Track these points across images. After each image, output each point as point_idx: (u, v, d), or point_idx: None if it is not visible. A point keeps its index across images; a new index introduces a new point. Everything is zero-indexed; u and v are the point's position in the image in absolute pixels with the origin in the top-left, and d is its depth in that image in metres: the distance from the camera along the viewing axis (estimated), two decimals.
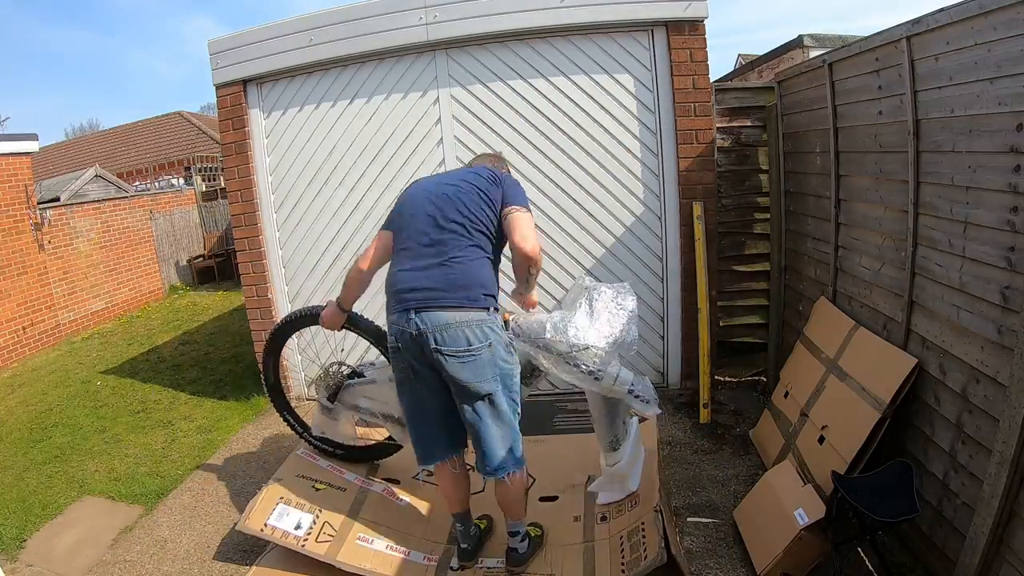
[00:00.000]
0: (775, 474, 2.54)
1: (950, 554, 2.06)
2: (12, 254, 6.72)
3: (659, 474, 2.52)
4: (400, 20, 3.66)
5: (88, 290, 7.87)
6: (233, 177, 4.11)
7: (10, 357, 6.47)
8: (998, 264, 1.85)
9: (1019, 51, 1.72)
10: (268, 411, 4.29)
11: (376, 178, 3.98)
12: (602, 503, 2.52)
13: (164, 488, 3.34)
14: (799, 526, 2.16)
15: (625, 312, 2.23)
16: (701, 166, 3.67)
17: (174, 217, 10.01)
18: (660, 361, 3.98)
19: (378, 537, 2.47)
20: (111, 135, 17.82)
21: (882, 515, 2.00)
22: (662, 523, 2.16)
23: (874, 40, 2.50)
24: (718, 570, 2.34)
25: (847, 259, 2.91)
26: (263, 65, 3.90)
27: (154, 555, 2.76)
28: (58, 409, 4.78)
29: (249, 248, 4.17)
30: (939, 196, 2.15)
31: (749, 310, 4.07)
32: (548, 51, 3.72)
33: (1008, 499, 1.77)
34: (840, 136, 2.90)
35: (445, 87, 3.82)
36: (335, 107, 3.96)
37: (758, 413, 3.46)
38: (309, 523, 2.43)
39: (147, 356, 6.10)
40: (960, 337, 2.05)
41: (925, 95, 2.19)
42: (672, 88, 3.62)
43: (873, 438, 2.29)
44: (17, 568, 2.78)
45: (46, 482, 3.55)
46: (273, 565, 2.39)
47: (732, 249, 3.97)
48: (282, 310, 4.26)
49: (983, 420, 1.92)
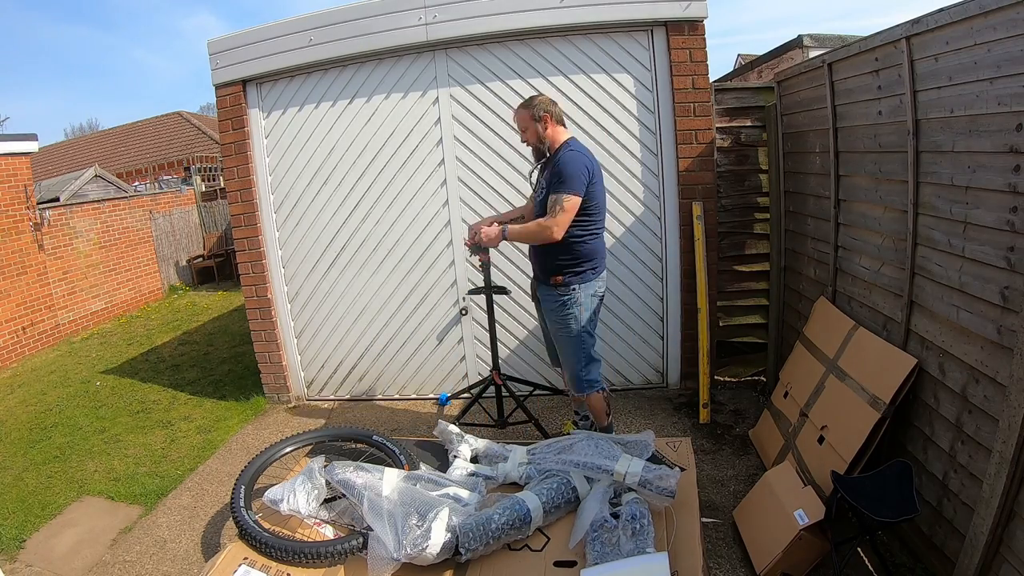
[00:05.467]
0: (775, 474, 2.53)
1: (950, 554, 2.06)
2: (11, 254, 6.72)
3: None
4: (399, 20, 3.66)
5: (88, 290, 7.87)
6: (233, 177, 4.11)
7: (9, 357, 6.46)
8: (998, 264, 1.85)
9: (1019, 51, 1.72)
10: (267, 411, 4.29)
11: (376, 178, 3.98)
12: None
13: (164, 488, 3.34)
14: (799, 526, 2.16)
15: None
16: (701, 166, 3.67)
17: (174, 217, 10.00)
18: (660, 361, 3.98)
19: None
20: (110, 135, 17.82)
21: (882, 515, 2.00)
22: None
23: (874, 40, 2.50)
24: (718, 570, 2.34)
25: (847, 259, 2.91)
26: (263, 65, 3.90)
27: (154, 555, 2.76)
28: (57, 409, 4.78)
29: (249, 248, 4.17)
30: (939, 196, 2.15)
31: (749, 310, 4.07)
32: (547, 51, 3.72)
33: (1008, 499, 1.77)
34: (840, 136, 2.90)
35: (445, 87, 3.82)
36: (335, 107, 3.96)
37: (758, 413, 3.47)
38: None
39: (147, 356, 6.10)
40: (960, 337, 2.05)
41: (925, 95, 2.19)
42: (672, 88, 3.62)
43: (873, 438, 2.29)
44: (17, 568, 2.78)
45: (45, 482, 3.55)
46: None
47: (732, 249, 3.97)
48: (282, 310, 4.26)
49: (983, 420, 1.92)
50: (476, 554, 2.10)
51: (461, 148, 3.88)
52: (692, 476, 2.39)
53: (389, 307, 4.14)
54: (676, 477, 2.17)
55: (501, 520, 2.12)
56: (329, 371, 4.34)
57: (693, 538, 2.08)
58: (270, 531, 2.27)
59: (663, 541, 2.07)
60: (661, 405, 3.79)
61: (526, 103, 2.81)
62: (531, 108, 2.76)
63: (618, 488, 2.25)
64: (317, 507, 2.36)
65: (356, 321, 4.20)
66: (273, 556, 2.16)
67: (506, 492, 2.39)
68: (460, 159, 3.88)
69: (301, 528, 2.34)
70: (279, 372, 4.33)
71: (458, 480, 2.44)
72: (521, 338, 4.04)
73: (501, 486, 2.47)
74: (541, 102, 2.77)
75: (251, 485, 2.55)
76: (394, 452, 2.64)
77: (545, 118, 2.74)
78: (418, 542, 2.06)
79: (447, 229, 3.97)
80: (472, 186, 3.90)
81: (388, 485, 2.28)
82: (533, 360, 4.06)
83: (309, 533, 2.31)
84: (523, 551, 2.15)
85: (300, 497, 2.32)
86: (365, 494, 2.22)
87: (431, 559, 2.07)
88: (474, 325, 4.06)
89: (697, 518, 2.19)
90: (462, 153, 3.88)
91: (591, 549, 2.03)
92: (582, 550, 2.07)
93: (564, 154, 2.67)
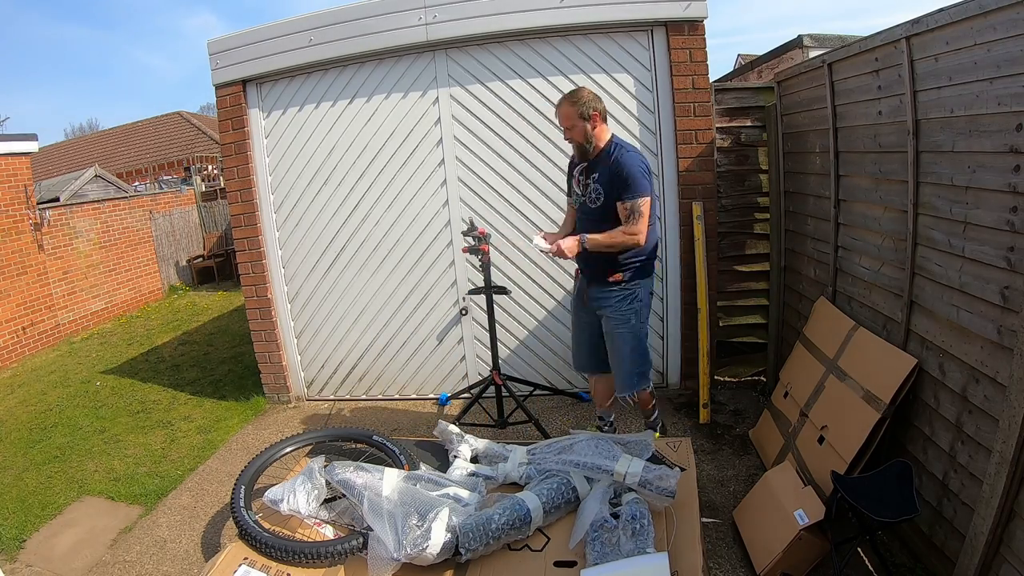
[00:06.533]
0: (775, 474, 2.53)
1: (950, 554, 2.06)
2: (12, 254, 6.72)
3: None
4: (399, 20, 3.66)
5: (88, 290, 7.87)
6: (233, 177, 4.11)
7: (9, 357, 6.46)
8: (998, 264, 1.85)
9: (1019, 51, 1.72)
10: (267, 411, 4.29)
11: (376, 178, 3.98)
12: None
13: (164, 488, 3.34)
14: (799, 526, 2.16)
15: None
16: (701, 166, 3.66)
17: (174, 217, 10.00)
18: (660, 361, 3.98)
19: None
20: (110, 135, 17.84)
21: (882, 515, 2.00)
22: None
23: (874, 40, 2.50)
24: (718, 570, 2.34)
25: (847, 259, 2.91)
26: (263, 65, 3.90)
27: (154, 555, 2.76)
28: (58, 409, 4.78)
29: (249, 248, 4.17)
30: (938, 196, 2.15)
31: (749, 310, 4.07)
32: (547, 51, 3.72)
33: (1008, 499, 1.77)
34: (840, 136, 2.90)
35: (445, 87, 3.82)
36: (335, 107, 3.96)
37: (758, 413, 3.47)
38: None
39: (147, 356, 6.10)
40: (960, 337, 2.05)
41: (925, 95, 2.19)
42: (672, 88, 3.62)
43: (873, 438, 2.29)
44: (16, 568, 2.78)
45: (45, 482, 3.55)
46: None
47: (732, 249, 3.97)
48: (282, 310, 4.26)
49: (983, 420, 1.92)
50: (476, 554, 2.10)
51: (461, 148, 3.88)
52: (692, 476, 2.39)
53: (389, 307, 4.14)
54: (676, 477, 2.17)
55: (501, 520, 2.13)
56: (329, 371, 4.34)
57: (693, 538, 2.08)
58: (270, 531, 2.28)
59: (663, 541, 2.07)
60: (661, 405, 3.77)
61: (572, 99, 2.63)
62: (578, 105, 2.59)
63: (618, 488, 2.25)
64: (317, 507, 2.36)
65: (356, 321, 4.20)
66: (273, 556, 2.17)
67: (506, 492, 2.39)
68: (460, 159, 3.88)
69: (301, 528, 2.34)
70: (279, 372, 4.33)
71: (458, 480, 2.44)
72: (521, 338, 4.04)
73: (501, 486, 2.47)
74: (588, 99, 2.61)
75: (251, 485, 2.55)
76: (394, 452, 2.64)
77: (594, 117, 2.61)
78: (418, 542, 2.06)
79: (447, 229, 3.97)
80: (472, 186, 3.90)
81: (388, 485, 2.28)
82: (533, 360, 4.06)
83: (309, 533, 2.31)
84: (523, 551, 2.15)
85: (300, 497, 2.32)
86: (365, 494, 2.23)
87: (431, 559, 2.07)
88: (474, 325, 4.06)
89: (697, 518, 2.19)
90: (462, 153, 3.88)
91: (591, 549, 2.03)
92: (582, 550, 2.07)
93: (622, 156, 2.59)
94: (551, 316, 3.99)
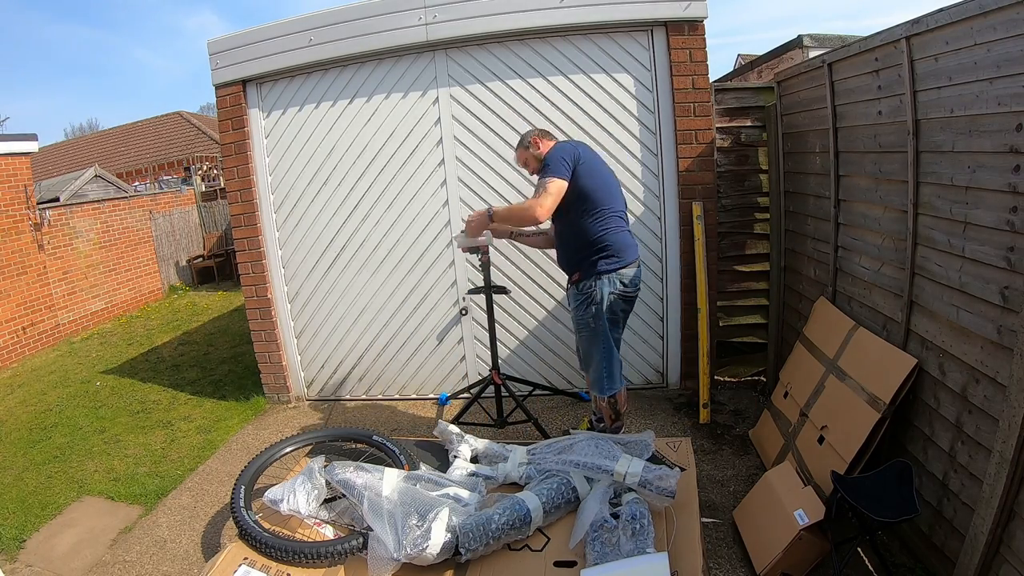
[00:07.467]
0: (775, 474, 2.53)
1: (950, 554, 2.06)
2: (12, 254, 6.72)
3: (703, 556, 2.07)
4: (399, 20, 3.66)
5: (88, 290, 7.87)
6: (233, 177, 4.11)
7: (9, 357, 6.46)
8: (998, 264, 1.85)
9: (1019, 51, 1.72)
10: (267, 411, 4.29)
11: (376, 178, 3.98)
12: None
13: (164, 488, 3.34)
14: (799, 526, 2.16)
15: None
16: (701, 166, 3.67)
17: (174, 217, 10.00)
18: (660, 361, 3.98)
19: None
20: (110, 135, 17.83)
21: (882, 515, 2.00)
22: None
23: (873, 40, 2.50)
24: (718, 570, 2.34)
25: (847, 259, 2.91)
26: (263, 65, 3.90)
27: (154, 555, 2.76)
28: (58, 409, 4.78)
29: (249, 248, 4.17)
30: (938, 196, 2.15)
31: (749, 310, 4.07)
32: (547, 51, 3.72)
33: (1008, 499, 1.77)
34: (840, 136, 2.90)
35: (445, 87, 3.82)
36: (335, 107, 3.96)
37: (758, 413, 3.47)
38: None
39: (147, 356, 6.10)
40: (960, 337, 2.05)
41: (924, 95, 2.19)
42: (672, 88, 3.62)
43: (873, 438, 2.29)
44: (16, 568, 2.78)
45: (45, 482, 3.55)
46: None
47: (732, 249, 3.97)
48: (282, 310, 4.26)
49: (983, 420, 1.92)
50: (476, 554, 2.10)
51: (461, 148, 3.88)
52: (692, 476, 2.39)
53: (389, 307, 4.14)
54: (676, 477, 2.17)
55: (501, 520, 2.12)
56: (329, 371, 4.34)
57: (693, 538, 2.08)
58: (270, 531, 2.27)
59: (663, 541, 2.07)
60: (661, 405, 3.79)
61: (517, 146, 3.06)
62: (520, 145, 3.00)
63: (618, 488, 2.25)
64: (317, 507, 2.36)
65: (356, 321, 4.20)
66: (273, 556, 2.17)
67: (506, 492, 2.39)
68: (460, 159, 3.88)
69: (301, 528, 2.34)
70: (279, 372, 4.33)
71: (458, 480, 2.44)
72: (521, 338, 4.04)
73: (501, 486, 2.47)
74: (526, 133, 3.02)
75: (251, 485, 2.55)
76: (394, 452, 2.64)
77: (534, 140, 2.93)
78: (418, 542, 2.06)
79: (447, 229, 3.97)
80: (472, 186, 3.90)
81: (388, 485, 2.28)
82: (533, 360, 4.06)
83: (309, 533, 2.31)
84: (523, 551, 2.15)
85: (300, 497, 2.32)
86: (365, 494, 2.22)
87: (431, 559, 2.07)
88: (474, 325, 4.06)
89: (697, 518, 2.19)
90: (462, 153, 3.88)
91: (591, 549, 2.03)
92: (582, 550, 2.07)
93: (547, 152, 2.85)
94: (551, 316, 3.99)
